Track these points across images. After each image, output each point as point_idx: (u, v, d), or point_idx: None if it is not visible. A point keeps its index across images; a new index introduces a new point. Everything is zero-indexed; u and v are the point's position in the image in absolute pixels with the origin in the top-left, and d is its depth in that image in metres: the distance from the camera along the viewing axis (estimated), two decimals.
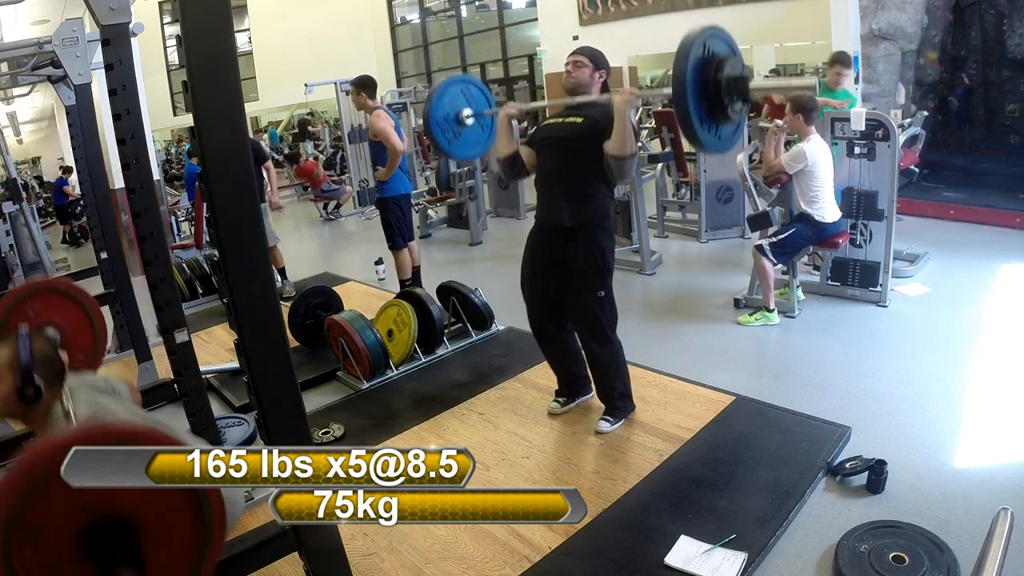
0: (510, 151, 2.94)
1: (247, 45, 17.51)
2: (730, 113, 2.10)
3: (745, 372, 3.49)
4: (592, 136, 2.68)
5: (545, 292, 2.93)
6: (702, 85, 2.06)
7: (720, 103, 2.07)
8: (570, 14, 12.26)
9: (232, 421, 3.30)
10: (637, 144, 2.79)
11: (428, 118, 3.10)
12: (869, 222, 4.12)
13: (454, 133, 3.18)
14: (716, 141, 2.19)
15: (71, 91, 3.86)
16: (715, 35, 2.11)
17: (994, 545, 1.12)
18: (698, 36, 2.04)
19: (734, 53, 2.15)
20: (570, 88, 2.80)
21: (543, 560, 2.18)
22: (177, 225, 8.38)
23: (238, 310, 1.34)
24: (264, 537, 1.59)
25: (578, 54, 2.81)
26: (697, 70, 2.04)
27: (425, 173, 10.25)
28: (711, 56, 2.08)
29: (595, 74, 2.79)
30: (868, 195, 4.11)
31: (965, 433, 2.73)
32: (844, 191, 4.04)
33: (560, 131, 2.80)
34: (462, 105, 3.16)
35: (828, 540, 2.15)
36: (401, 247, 4.73)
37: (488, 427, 3.08)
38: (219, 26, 1.25)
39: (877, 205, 4.08)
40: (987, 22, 6.90)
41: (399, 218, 4.67)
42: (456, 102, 3.15)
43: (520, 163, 2.93)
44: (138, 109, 2.24)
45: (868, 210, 4.13)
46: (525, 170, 2.95)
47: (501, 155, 2.97)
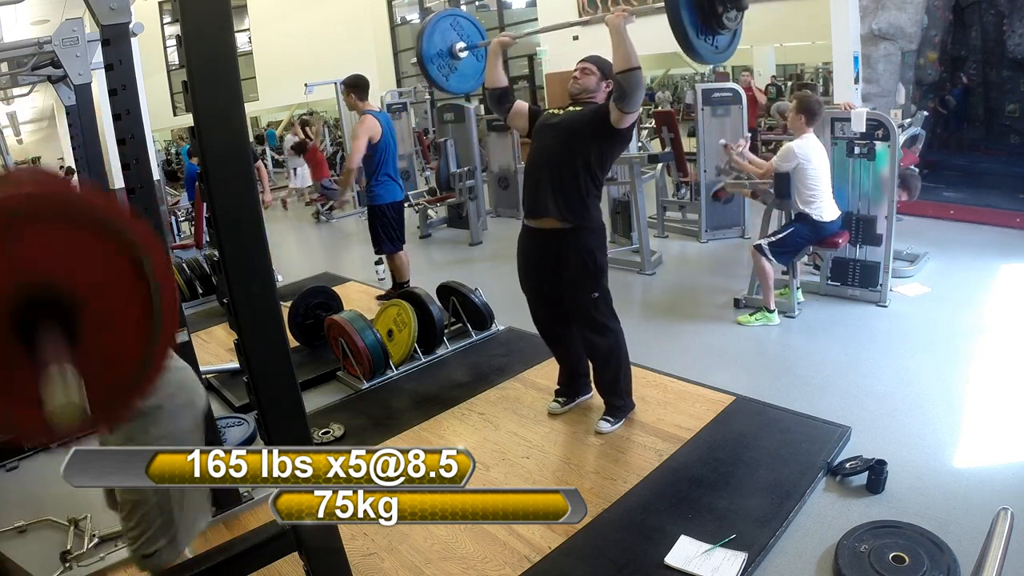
0: (500, 83, 2.94)
1: (247, 45, 17.50)
2: (725, 21, 2.08)
3: (745, 372, 3.49)
4: (592, 117, 2.68)
5: (543, 293, 2.94)
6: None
7: (714, 11, 2.05)
8: (570, 14, 12.25)
9: (232, 421, 3.30)
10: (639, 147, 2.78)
11: (421, 56, 3.09)
12: (867, 247, 4.16)
13: (449, 68, 3.16)
14: (713, 51, 2.17)
15: (71, 91, 3.86)
16: None
17: (994, 545, 1.12)
18: None
19: None
20: (575, 93, 2.81)
21: (543, 560, 2.18)
22: (177, 225, 8.38)
23: (238, 310, 1.34)
24: (264, 537, 1.59)
25: (587, 62, 2.82)
26: None
27: (425, 173, 10.25)
28: None
29: (602, 83, 2.79)
30: (867, 220, 4.14)
31: (965, 433, 2.73)
32: (844, 216, 4.07)
33: (559, 118, 2.81)
34: (454, 39, 3.13)
35: (828, 540, 2.15)
36: (392, 251, 4.68)
37: (488, 427, 3.08)
38: (219, 26, 1.25)
39: (876, 230, 4.10)
40: (987, 22, 6.90)
41: (387, 225, 4.59)
42: (448, 36, 3.13)
43: (508, 98, 2.93)
44: (138, 109, 2.23)
45: (867, 235, 4.15)
46: (511, 102, 2.93)
47: (490, 85, 2.95)
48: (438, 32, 3.10)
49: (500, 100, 2.95)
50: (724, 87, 5.98)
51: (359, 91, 4.53)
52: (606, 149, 2.73)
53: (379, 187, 4.51)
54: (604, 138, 2.68)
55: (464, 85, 3.34)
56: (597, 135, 2.67)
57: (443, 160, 7.21)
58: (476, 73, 3.26)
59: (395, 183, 4.61)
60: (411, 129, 9.71)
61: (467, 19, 3.24)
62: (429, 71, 3.12)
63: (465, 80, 3.27)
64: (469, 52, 3.16)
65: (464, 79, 3.26)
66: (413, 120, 9.83)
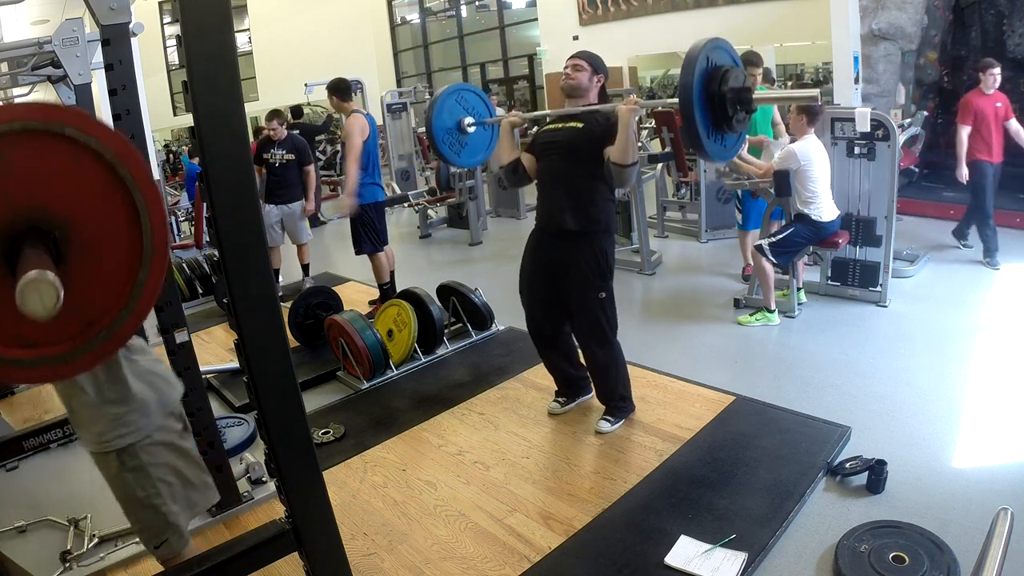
0: (512, 158, 2.96)
1: (247, 45, 17.50)
2: (734, 123, 2.14)
3: (745, 372, 3.49)
4: (592, 141, 2.69)
5: (544, 294, 2.93)
6: (707, 97, 2.10)
7: (724, 114, 2.10)
8: (570, 14, 12.26)
9: (232, 421, 3.30)
10: (639, 147, 2.81)
11: (433, 138, 3.16)
12: (867, 247, 4.16)
13: (460, 143, 3.23)
14: (721, 150, 2.24)
15: (71, 91, 3.85)
16: (717, 47, 2.15)
17: (994, 545, 1.12)
18: (702, 49, 2.07)
19: (736, 64, 2.19)
20: (568, 90, 2.82)
21: (543, 560, 2.18)
22: (177, 225, 8.38)
23: (238, 310, 1.33)
24: (264, 537, 1.58)
25: (577, 58, 2.82)
26: (702, 83, 2.08)
27: (425, 173, 10.24)
28: (715, 68, 2.11)
29: (593, 78, 2.81)
30: (867, 222, 4.14)
31: (965, 433, 2.73)
32: (843, 217, 4.08)
33: (560, 135, 2.81)
34: (460, 114, 3.19)
35: (828, 540, 2.15)
36: (373, 252, 4.67)
37: (488, 427, 3.08)
38: (219, 26, 1.24)
39: (875, 232, 4.11)
40: (987, 22, 6.89)
41: (367, 225, 4.57)
42: (455, 112, 3.19)
43: (522, 170, 2.94)
44: (138, 109, 2.23)
45: (867, 236, 4.15)
46: (527, 176, 2.95)
47: (503, 162, 2.99)
48: (445, 110, 3.16)
49: (514, 172, 2.96)
50: None
51: (341, 93, 4.54)
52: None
53: (361, 188, 4.49)
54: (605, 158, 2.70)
55: (475, 159, 3.41)
56: (600, 154, 2.69)
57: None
58: (484, 145, 3.33)
59: (376, 185, 4.60)
60: (411, 129, 9.70)
61: (471, 91, 3.29)
62: (442, 150, 3.21)
63: (475, 153, 3.34)
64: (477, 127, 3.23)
65: (474, 152, 3.33)
66: (413, 120, 9.80)
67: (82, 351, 1.08)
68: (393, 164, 9.40)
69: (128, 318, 1.09)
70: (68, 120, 1.00)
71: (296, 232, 5.54)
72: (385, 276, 4.76)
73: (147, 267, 1.09)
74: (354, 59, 14.75)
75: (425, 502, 2.56)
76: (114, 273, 1.08)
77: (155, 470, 1.74)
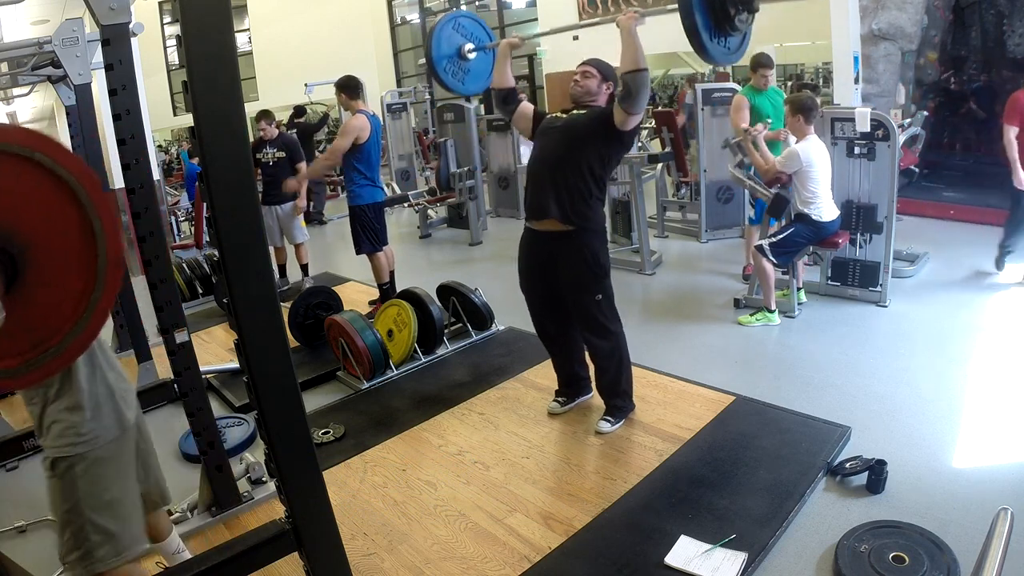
0: (508, 84, 2.99)
1: (247, 45, 17.51)
2: (737, 23, 2.11)
3: (745, 372, 3.49)
4: (594, 120, 2.69)
5: (542, 292, 2.93)
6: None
7: (726, 13, 2.08)
8: (570, 14, 12.24)
9: (232, 421, 3.30)
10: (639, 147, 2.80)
11: (433, 66, 3.11)
12: (869, 234, 4.15)
13: (462, 70, 3.18)
14: (724, 52, 2.20)
15: (71, 91, 3.86)
16: None
17: (994, 545, 1.12)
18: None
19: None
20: (576, 96, 2.82)
21: (543, 560, 2.18)
22: (177, 225, 8.38)
23: (238, 310, 1.34)
24: (264, 537, 1.58)
25: (588, 64, 2.83)
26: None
27: (425, 173, 10.25)
28: None
29: (603, 85, 2.81)
30: (868, 208, 4.13)
31: (965, 433, 2.73)
32: (844, 203, 4.07)
33: (561, 121, 2.81)
34: (460, 41, 3.16)
35: (828, 540, 2.15)
36: (372, 252, 4.67)
37: (488, 427, 3.08)
38: (219, 26, 1.24)
39: (876, 218, 4.10)
40: (987, 22, 6.89)
41: (366, 225, 4.57)
42: (453, 40, 3.15)
43: (514, 99, 2.97)
44: (138, 109, 2.24)
45: (868, 222, 4.15)
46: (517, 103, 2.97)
47: (498, 85, 3.00)
48: (444, 37, 3.13)
49: (506, 100, 2.98)
50: (724, 87, 5.97)
51: (349, 91, 4.55)
52: (608, 151, 2.73)
53: (360, 188, 4.49)
54: (606, 140, 2.68)
55: (480, 85, 3.37)
56: (599, 137, 2.68)
57: (443, 160, 7.21)
58: (488, 70, 3.28)
59: (376, 185, 4.60)
60: (411, 129, 9.70)
61: (468, 17, 3.25)
62: (444, 79, 3.17)
63: (480, 79, 3.30)
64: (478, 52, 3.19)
65: (479, 78, 3.29)
66: (413, 120, 9.81)
67: (29, 367, 1.11)
68: (393, 164, 9.40)
69: (80, 335, 1.12)
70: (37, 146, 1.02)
71: (292, 232, 5.54)
72: (385, 276, 4.77)
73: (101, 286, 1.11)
74: (354, 59, 14.72)
75: (425, 502, 2.56)
76: (69, 293, 1.10)
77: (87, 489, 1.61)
